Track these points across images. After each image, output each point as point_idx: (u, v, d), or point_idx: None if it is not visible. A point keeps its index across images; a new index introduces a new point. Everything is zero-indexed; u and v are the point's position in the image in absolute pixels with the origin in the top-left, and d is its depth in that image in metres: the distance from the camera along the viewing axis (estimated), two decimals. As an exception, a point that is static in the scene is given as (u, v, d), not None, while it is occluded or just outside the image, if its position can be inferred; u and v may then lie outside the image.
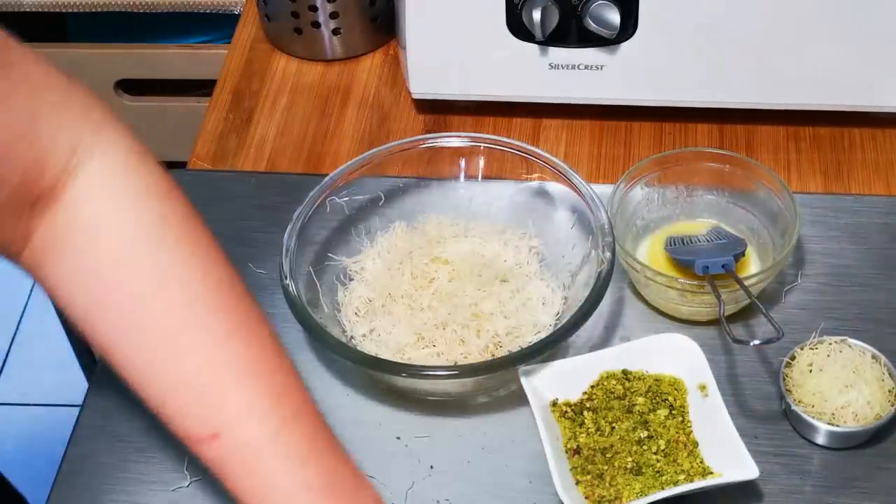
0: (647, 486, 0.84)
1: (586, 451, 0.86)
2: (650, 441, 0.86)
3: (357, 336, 0.95)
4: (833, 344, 0.90)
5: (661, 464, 0.85)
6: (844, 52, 1.04)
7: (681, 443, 0.86)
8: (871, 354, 0.89)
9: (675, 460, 0.85)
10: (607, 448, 0.86)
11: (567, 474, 0.84)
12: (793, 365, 0.89)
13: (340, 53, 1.22)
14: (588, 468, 0.85)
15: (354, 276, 0.99)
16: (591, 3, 1.03)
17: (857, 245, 1.00)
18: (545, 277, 0.97)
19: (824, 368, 0.88)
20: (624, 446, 0.86)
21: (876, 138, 1.11)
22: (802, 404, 0.87)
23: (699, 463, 0.85)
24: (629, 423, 0.87)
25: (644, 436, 0.86)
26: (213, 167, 1.12)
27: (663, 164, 0.99)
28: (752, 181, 0.98)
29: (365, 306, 0.96)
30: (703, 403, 0.88)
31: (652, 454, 0.86)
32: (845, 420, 0.86)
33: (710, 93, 1.09)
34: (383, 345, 0.93)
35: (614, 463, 0.85)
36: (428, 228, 1.00)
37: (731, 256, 0.93)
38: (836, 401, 0.87)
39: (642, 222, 0.99)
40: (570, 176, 0.97)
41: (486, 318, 0.93)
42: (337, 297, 0.97)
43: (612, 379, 0.90)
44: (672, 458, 0.85)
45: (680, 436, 0.87)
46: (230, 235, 1.04)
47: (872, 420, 0.86)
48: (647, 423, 0.87)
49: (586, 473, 0.85)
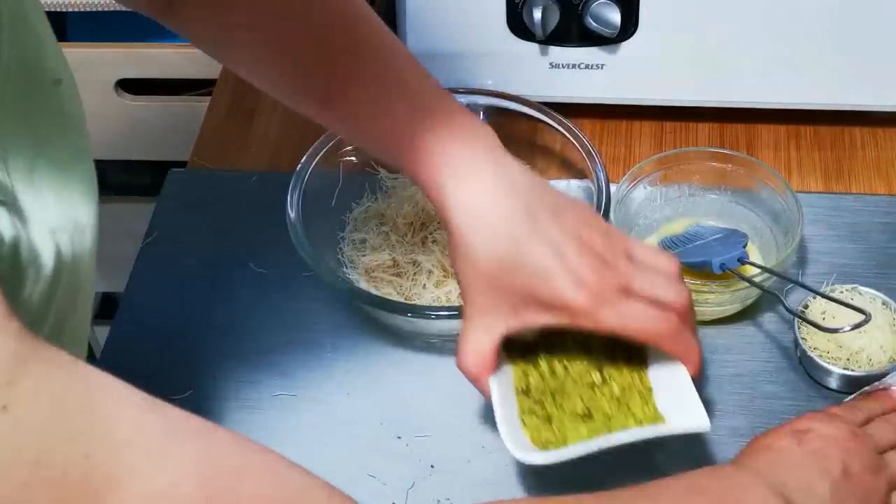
0: (593, 431, 0.81)
1: (536, 393, 0.84)
2: (603, 386, 0.84)
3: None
4: (845, 291, 0.93)
5: (613, 410, 0.82)
6: (845, 52, 1.04)
7: (636, 389, 0.84)
8: (881, 301, 0.92)
9: (627, 406, 0.83)
10: (558, 390, 0.84)
11: (514, 417, 0.82)
12: (806, 314, 0.91)
13: (341, 53, 1.22)
14: (535, 410, 0.83)
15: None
16: (591, 3, 1.03)
17: (858, 244, 1.00)
18: None
19: (837, 316, 0.90)
20: (575, 389, 0.84)
21: (876, 137, 1.11)
22: (818, 350, 0.89)
23: (652, 408, 0.83)
24: (583, 364, 0.85)
25: (598, 380, 0.84)
26: (214, 166, 1.12)
27: (665, 164, 0.99)
28: (754, 180, 0.98)
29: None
30: (659, 355, 0.85)
31: (605, 399, 0.83)
32: (860, 364, 0.88)
33: (711, 92, 1.09)
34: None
35: (564, 406, 0.83)
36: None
37: (743, 249, 0.93)
38: (851, 346, 0.89)
39: (645, 222, 0.99)
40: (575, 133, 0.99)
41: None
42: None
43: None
44: (624, 404, 0.83)
45: (635, 380, 0.84)
46: (230, 235, 1.04)
47: (887, 363, 0.88)
48: (601, 365, 0.85)
49: (533, 415, 0.82)
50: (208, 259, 1.02)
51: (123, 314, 1.00)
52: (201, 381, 0.94)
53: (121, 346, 0.97)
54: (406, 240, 0.99)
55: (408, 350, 0.95)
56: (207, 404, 0.92)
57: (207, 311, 0.99)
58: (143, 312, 1.00)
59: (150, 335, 0.98)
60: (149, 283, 1.02)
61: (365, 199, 1.03)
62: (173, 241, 1.05)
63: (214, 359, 0.95)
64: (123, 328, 0.99)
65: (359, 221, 1.02)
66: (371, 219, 1.02)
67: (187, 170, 1.12)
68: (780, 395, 0.89)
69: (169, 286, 1.01)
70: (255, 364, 0.95)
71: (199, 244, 1.04)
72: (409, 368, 0.94)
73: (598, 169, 0.96)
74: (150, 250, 1.04)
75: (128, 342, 0.97)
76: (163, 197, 1.09)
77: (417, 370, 0.94)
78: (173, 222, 1.06)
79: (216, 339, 0.97)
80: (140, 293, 1.01)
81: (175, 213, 1.07)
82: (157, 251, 1.04)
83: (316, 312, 0.98)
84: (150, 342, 0.97)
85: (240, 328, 0.97)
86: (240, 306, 0.99)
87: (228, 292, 1.00)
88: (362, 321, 0.97)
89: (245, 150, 1.13)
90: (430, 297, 0.95)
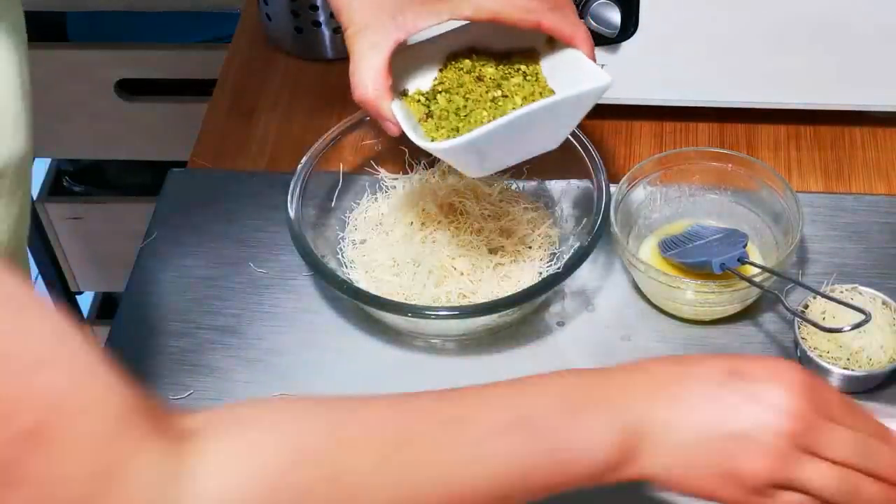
0: (497, 114, 0.82)
1: (438, 112, 0.84)
2: (505, 100, 0.85)
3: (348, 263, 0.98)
4: (844, 292, 0.92)
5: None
6: (845, 52, 1.04)
7: (538, 94, 0.85)
8: (881, 300, 0.92)
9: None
10: (460, 108, 0.84)
11: (422, 134, 0.83)
12: (806, 314, 0.91)
13: (341, 53, 1.22)
14: (441, 125, 0.84)
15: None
16: (591, 3, 1.03)
17: (858, 244, 1.00)
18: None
19: (837, 315, 0.90)
20: (478, 105, 0.84)
21: (876, 137, 1.11)
22: (818, 350, 0.89)
23: (550, 93, 0.84)
24: (482, 87, 0.86)
25: (498, 95, 0.85)
26: (214, 166, 1.12)
27: (666, 164, 0.99)
28: (754, 180, 0.98)
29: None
30: (554, 56, 0.86)
31: (508, 108, 0.84)
32: (860, 364, 0.88)
33: (711, 92, 1.09)
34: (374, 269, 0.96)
35: (469, 119, 0.84)
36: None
37: (743, 249, 0.93)
38: (851, 346, 0.89)
39: (645, 222, 0.99)
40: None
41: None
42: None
43: (461, 58, 0.89)
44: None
45: (535, 89, 0.85)
46: (230, 235, 1.04)
47: (887, 363, 0.88)
48: (500, 86, 0.85)
49: (440, 129, 0.83)
50: (208, 259, 1.02)
51: (123, 314, 1.00)
52: (201, 381, 0.94)
53: (120, 346, 0.97)
54: (406, 240, 0.99)
55: (407, 350, 0.95)
56: (207, 404, 0.92)
57: (207, 311, 0.99)
58: (143, 312, 1.00)
59: (150, 335, 0.98)
60: (149, 283, 1.02)
61: (365, 199, 1.03)
62: (173, 241, 1.05)
63: (214, 359, 0.95)
64: (123, 328, 0.99)
65: (359, 221, 1.02)
66: (371, 219, 1.02)
67: (187, 170, 1.12)
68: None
69: (169, 286, 1.01)
70: (255, 364, 0.95)
71: (199, 244, 1.04)
72: (409, 368, 0.94)
73: (598, 169, 0.96)
74: (150, 250, 1.04)
75: (128, 342, 0.97)
76: (163, 197, 1.09)
77: (417, 370, 0.94)
78: (173, 222, 1.06)
79: (216, 339, 0.97)
80: (140, 293, 1.01)
81: (175, 213, 1.07)
82: (157, 251, 1.04)
83: (316, 312, 0.98)
84: (150, 342, 0.97)
85: (240, 328, 0.97)
86: (240, 306, 0.99)
87: (228, 292, 1.00)
88: (362, 321, 0.97)
89: (245, 150, 1.13)
90: (429, 296, 0.95)
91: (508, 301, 0.90)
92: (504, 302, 0.91)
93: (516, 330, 0.96)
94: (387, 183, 1.04)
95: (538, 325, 0.96)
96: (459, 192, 1.00)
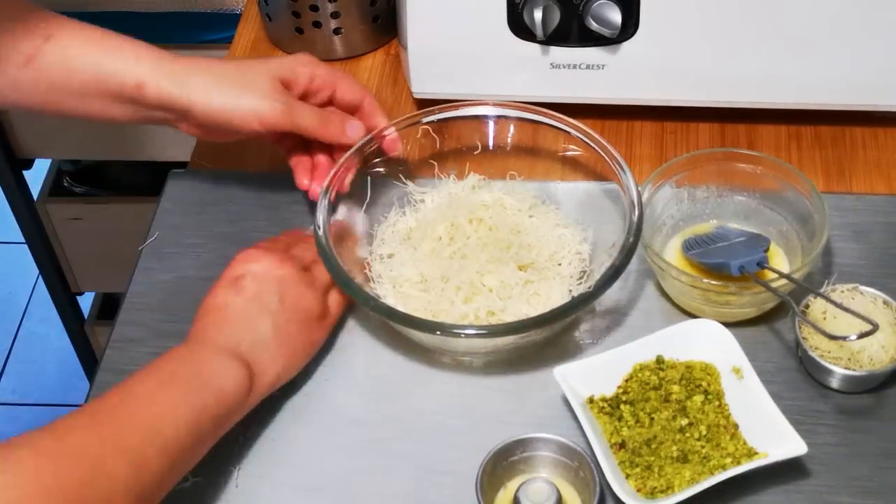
0: (696, 472, 0.84)
1: (631, 444, 0.86)
2: (691, 428, 0.87)
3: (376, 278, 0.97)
4: (845, 291, 0.92)
5: (706, 449, 0.85)
6: (845, 52, 1.04)
7: (721, 426, 0.87)
8: (882, 300, 0.92)
9: (718, 444, 0.86)
10: (651, 439, 0.86)
11: (616, 469, 0.85)
12: (807, 313, 0.91)
13: (342, 53, 1.22)
14: (635, 461, 0.85)
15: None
16: (592, 3, 1.03)
17: (858, 244, 1.00)
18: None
19: (838, 315, 0.90)
20: (667, 435, 0.86)
21: (877, 137, 1.11)
22: (819, 350, 0.89)
23: (743, 444, 0.86)
24: (668, 412, 0.88)
25: (685, 423, 0.87)
26: (214, 167, 1.12)
27: (693, 164, 0.99)
28: (781, 183, 0.98)
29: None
30: (739, 385, 0.88)
31: (695, 440, 0.86)
32: (861, 364, 0.88)
33: (712, 92, 1.09)
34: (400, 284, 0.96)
35: (660, 453, 0.85)
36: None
37: (764, 253, 0.93)
38: (852, 346, 0.89)
39: (671, 221, 0.99)
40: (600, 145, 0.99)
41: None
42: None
43: (645, 370, 0.90)
44: (715, 443, 0.86)
45: (720, 419, 0.87)
46: (231, 235, 1.04)
47: (888, 363, 0.88)
48: (685, 409, 0.88)
49: (635, 466, 0.85)
50: (208, 259, 1.02)
51: (123, 314, 1.00)
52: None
53: (121, 346, 0.97)
54: (434, 255, 0.97)
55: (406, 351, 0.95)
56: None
57: (208, 311, 0.99)
58: (143, 312, 1.00)
59: (150, 335, 0.98)
60: (149, 283, 1.02)
61: (393, 213, 1.02)
62: (173, 241, 1.05)
63: (215, 359, 0.95)
64: (123, 328, 0.99)
65: (386, 235, 1.01)
66: (399, 233, 1.01)
67: (188, 170, 1.12)
68: (781, 394, 0.89)
69: (169, 286, 1.01)
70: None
71: (199, 244, 1.04)
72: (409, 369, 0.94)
73: (629, 187, 0.95)
74: (150, 250, 1.04)
75: (128, 342, 0.97)
76: (163, 197, 1.09)
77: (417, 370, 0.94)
78: (173, 222, 1.06)
79: (216, 340, 0.97)
80: (140, 293, 1.01)
81: (175, 214, 1.07)
82: (157, 251, 1.04)
83: (316, 313, 0.98)
84: (150, 342, 0.97)
85: (240, 328, 0.97)
86: (240, 306, 0.99)
87: (229, 292, 1.00)
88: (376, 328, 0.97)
89: (245, 151, 1.13)
90: (458, 313, 0.93)
91: (538, 321, 0.89)
92: (534, 322, 0.89)
93: (545, 345, 0.95)
94: (415, 197, 1.03)
95: (567, 342, 0.95)
96: (489, 207, 1.00)
